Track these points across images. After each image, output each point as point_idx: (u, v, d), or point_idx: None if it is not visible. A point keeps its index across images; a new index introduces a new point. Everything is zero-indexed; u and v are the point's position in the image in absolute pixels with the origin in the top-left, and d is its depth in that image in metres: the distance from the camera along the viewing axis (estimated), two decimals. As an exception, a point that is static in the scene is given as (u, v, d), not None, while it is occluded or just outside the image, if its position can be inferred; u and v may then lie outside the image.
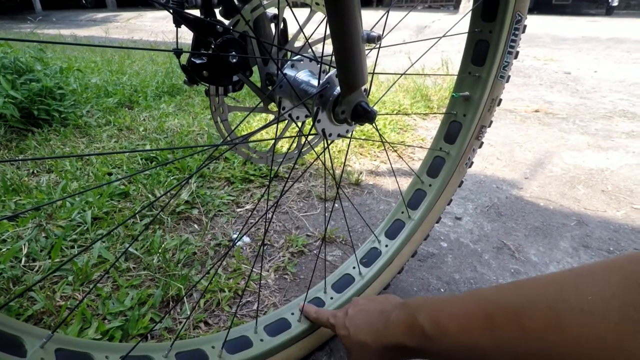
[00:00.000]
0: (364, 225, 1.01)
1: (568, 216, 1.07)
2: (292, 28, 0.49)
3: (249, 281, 0.80)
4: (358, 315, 0.50)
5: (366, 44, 0.40)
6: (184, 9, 0.38)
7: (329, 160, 1.21)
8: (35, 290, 0.72)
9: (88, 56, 3.17)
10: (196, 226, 0.97)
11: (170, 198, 1.06)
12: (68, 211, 0.96)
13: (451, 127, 0.72)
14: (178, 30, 0.39)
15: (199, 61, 0.40)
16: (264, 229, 0.97)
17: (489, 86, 0.65)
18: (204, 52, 0.40)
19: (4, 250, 0.82)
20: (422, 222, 0.73)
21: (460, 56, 0.67)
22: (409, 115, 1.85)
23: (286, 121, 0.57)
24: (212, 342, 0.53)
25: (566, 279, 0.30)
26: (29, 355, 0.34)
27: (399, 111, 1.87)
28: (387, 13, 0.46)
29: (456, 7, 8.01)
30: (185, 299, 0.74)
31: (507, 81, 0.67)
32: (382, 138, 0.66)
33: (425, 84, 2.23)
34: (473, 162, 0.74)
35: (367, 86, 0.45)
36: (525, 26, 0.63)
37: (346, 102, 0.44)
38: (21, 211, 0.97)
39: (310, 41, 0.48)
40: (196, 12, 0.40)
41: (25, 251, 0.82)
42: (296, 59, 0.47)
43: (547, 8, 7.75)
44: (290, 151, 0.58)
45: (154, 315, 0.69)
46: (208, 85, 0.44)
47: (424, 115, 1.89)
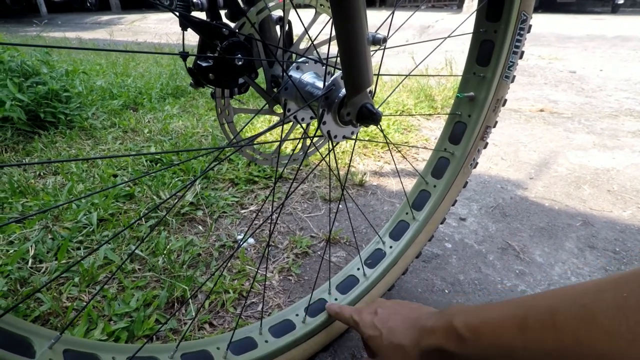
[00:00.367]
0: (368, 226, 1.01)
1: (573, 216, 1.06)
2: (298, 30, 0.49)
3: (254, 282, 0.80)
4: (392, 317, 0.50)
5: (371, 46, 0.40)
6: (190, 12, 0.38)
7: (333, 161, 1.21)
8: (42, 291, 0.73)
9: (93, 59, 3.19)
10: (201, 227, 0.97)
11: (176, 200, 1.06)
12: (74, 213, 0.97)
13: (456, 127, 0.71)
14: (184, 33, 0.39)
15: (205, 64, 0.40)
16: (269, 231, 0.98)
17: (493, 86, 0.65)
18: (210, 54, 0.40)
19: (11, 251, 0.83)
20: (427, 223, 0.73)
21: (464, 56, 0.67)
22: (412, 116, 1.84)
23: (291, 123, 0.57)
24: (217, 343, 0.53)
25: (606, 282, 0.29)
26: (37, 355, 0.34)
27: (402, 112, 1.87)
28: (392, 14, 0.46)
29: (459, 6, 7.99)
30: (190, 300, 0.75)
31: (512, 81, 0.66)
32: (387, 139, 0.66)
33: (429, 84, 2.23)
34: (478, 163, 0.74)
35: (372, 88, 0.45)
36: (531, 26, 0.62)
37: (351, 103, 0.44)
38: (29, 214, 0.98)
39: (315, 43, 0.48)
40: (202, 15, 0.40)
41: (32, 253, 0.83)
42: (301, 61, 0.47)
43: (552, 6, 7.71)
44: (295, 153, 0.58)
45: (159, 316, 0.70)
46: (214, 87, 0.44)
47: (427, 115, 1.88)
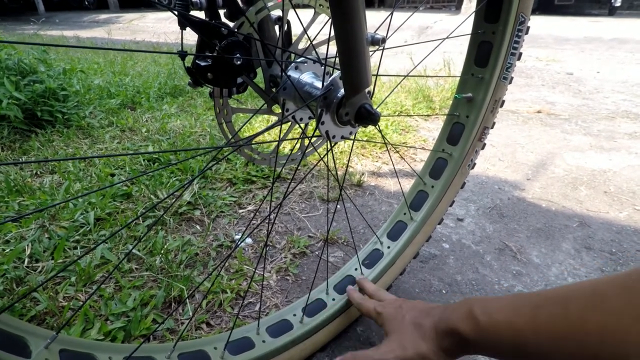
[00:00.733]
0: (366, 226, 1.01)
1: (570, 217, 1.07)
2: (297, 30, 0.49)
3: (251, 282, 0.80)
4: (415, 308, 0.52)
5: (370, 46, 0.40)
6: (189, 11, 0.38)
7: (332, 161, 1.21)
8: (39, 291, 0.72)
9: (91, 57, 3.18)
10: (198, 227, 0.97)
11: (173, 200, 1.06)
12: (71, 212, 0.96)
13: (454, 128, 0.71)
14: (183, 32, 0.39)
15: (203, 63, 0.40)
16: (267, 231, 0.98)
17: (491, 88, 0.65)
18: (209, 54, 0.40)
19: (7, 251, 0.83)
20: (424, 224, 0.73)
21: (462, 57, 0.67)
22: (411, 117, 1.85)
23: (290, 123, 0.57)
24: (214, 343, 0.53)
25: (618, 274, 0.30)
26: (33, 355, 0.34)
27: (401, 112, 1.87)
28: (391, 15, 0.46)
29: (458, 7, 8.01)
30: (188, 300, 0.75)
31: (510, 82, 0.67)
32: (385, 139, 0.66)
33: (427, 84, 2.23)
34: (475, 164, 0.74)
35: (370, 88, 0.45)
36: (529, 27, 0.63)
37: (350, 104, 0.44)
38: (26, 213, 0.97)
39: (314, 43, 0.48)
40: (201, 14, 0.40)
41: (28, 252, 0.82)
42: (300, 60, 0.47)
43: (550, 8, 7.74)
44: (294, 153, 0.58)
45: (156, 316, 0.70)
46: (212, 87, 0.44)
47: (425, 116, 1.88)
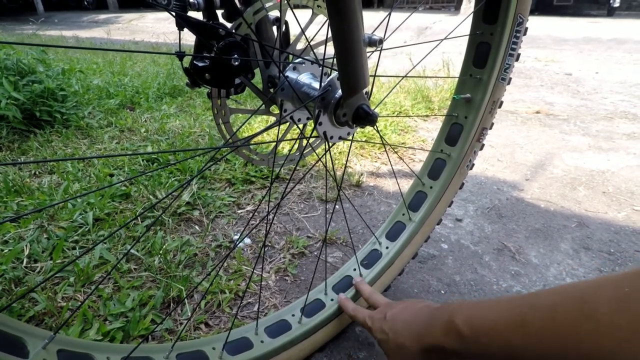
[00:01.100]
0: (365, 226, 1.01)
1: (569, 218, 1.07)
2: (295, 30, 0.50)
3: (250, 283, 0.80)
4: (397, 318, 0.50)
5: (367, 47, 0.40)
6: (186, 12, 0.38)
7: (330, 162, 1.21)
8: (37, 291, 0.72)
9: (90, 57, 3.18)
10: (197, 227, 0.97)
11: (172, 200, 1.06)
12: (70, 212, 0.96)
13: (452, 129, 0.72)
14: (180, 33, 0.39)
15: (201, 64, 0.40)
16: (265, 231, 0.98)
17: (490, 88, 0.65)
18: (207, 54, 0.40)
19: (5, 251, 0.82)
20: (423, 224, 0.73)
21: (461, 57, 0.67)
22: (410, 117, 1.85)
23: (288, 123, 0.57)
24: (212, 344, 0.53)
25: (606, 279, 0.30)
26: (31, 356, 0.34)
27: (400, 112, 1.87)
28: (389, 15, 0.46)
29: (457, 8, 8.02)
30: (186, 301, 0.75)
31: (509, 83, 0.67)
32: (383, 140, 0.66)
33: (426, 85, 2.24)
34: (474, 164, 0.74)
35: (368, 89, 0.45)
36: (527, 28, 0.63)
37: (348, 105, 0.44)
38: (24, 213, 0.97)
39: (312, 44, 0.48)
40: (199, 15, 0.40)
41: (26, 252, 0.82)
42: (298, 61, 0.47)
43: (549, 9, 7.74)
44: (292, 153, 0.58)
45: (154, 316, 0.70)
46: (210, 87, 0.44)
47: (424, 116, 1.89)
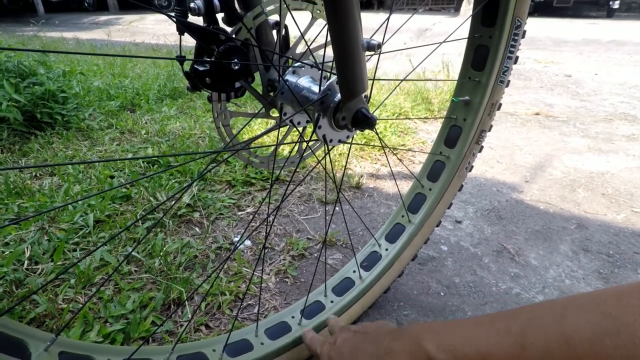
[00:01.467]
0: (365, 228, 1.02)
1: (568, 219, 1.07)
2: (295, 33, 0.50)
3: (250, 284, 0.80)
4: (345, 344, 0.46)
5: (366, 52, 0.41)
6: (187, 17, 0.38)
7: (329, 165, 1.22)
8: (38, 293, 0.73)
9: (90, 59, 3.18)
10: (197, 229, 0.97)
11: (173, 202, 1.06)
12: (70, 214, 0.97)
13: (451, 131, 0.72)
14: (181, 37, 0.39)
15: (201, 68, 0.40)
16: (265, 233, 0.98)
17: (488, 91, 0.66)
18: (207, 59, 0.41)
19: (6, 253, 0.83)
20: (422, 226, 0.74)
21: (461, 59, 0.68)
22: (410, 119, 1.85)
23: (287, 127, 0.57)
24: (213, 345, 0.53)
25: (623, 288, 0.28)
26: (33, 358, 0.35)
27: (400, 114, 1.88)
28: (388, 20, 0.47)
29: (457, 9, 8.03)
30: (187, 302, 0.75)
31: (507, 86, 0.67)
32: (382, 142, 0.66)
33: (426, 87, 2.24)
34: (473, 166, 0.74)
35: (367, 92, 0.46)
36: (525, 31, 0.63)
37: (347, 108, 0.44)
38: (26, 217, 0.97)
39: (312, 47, 0.49)
40: (199, 19, 0.41)
41: (28, 254, 0.83)
42: (297, 65, 0.48)
43: (548, 10, 7.75)
44: (292, 156, 0.58)
45: (155, 318, 0.70)
46: (211, 91, 0.44)
47: (424, 119, 1.89)
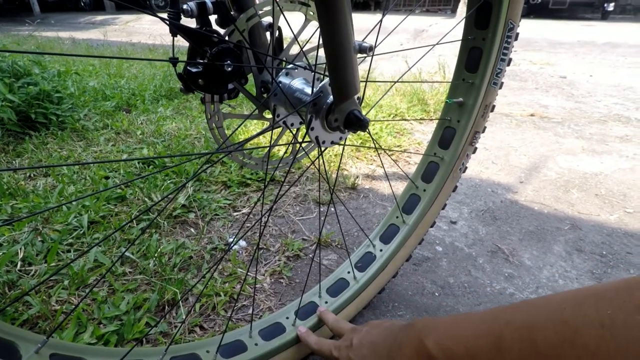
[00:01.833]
0: (360, 229, 1.02)
1: (562, 220, 1.08)
2: (288, 35, 0.50)
3: (245, 285, 0.80)
4: (363, 344, 0.48)
5: (358, 54, 0.41)
6: (180, 19, 0.38)
7: (322, 166, 1.22)
8: (31, 294, 0.72)
9: (86, 59, 3.17)
10: (192, 230, 0.97)
11: (167, 203, 1.06)
12: (64, 215, 0.96)
13: (445, 132, 0.72)
14: (174, 39, 0.40)
15: (194, 70, 0.40)
16: (259, 233, 0.98)
17: (482, 93, 0.66)
18: (200, 61, 0.41)
19: None
20: (417, 227, 0.74)
21: (456, 60, 0.68)
22: (406, 120, 1.86)
23: (281, 128, 0.58)
24: (207, 347, 0.53)
25: (586, 296, 0.28)
26: (23, 360, 0.35)
27: (395, 115, 1.88)
28: (380, 22, 0.47)
29: (453, 11, 8.07)
30: (181, 303, 0.75)
31: (500, 87, 0.68)
32: (376, 144, 0.66)
33: (422, 87, 2.25)
34: (467, 167, 0.75)
35: (360, 94, 0.46)
36: (518, 34, 0.64)
37: (339, 110, 0.45)
38: (19, 217, 0.97)
39: (305, 49, 0.49)
40: (192, 21, 0.41)
41: (21, 255, 0.82)
42: (290, 67, 0.48)
43: (544, 12, 7.81)
44: (285, 157, 0.58)
45: (149, 319, 0.70)
46: (203, 93, 0.44)
47: (420, 120, 1.90)
